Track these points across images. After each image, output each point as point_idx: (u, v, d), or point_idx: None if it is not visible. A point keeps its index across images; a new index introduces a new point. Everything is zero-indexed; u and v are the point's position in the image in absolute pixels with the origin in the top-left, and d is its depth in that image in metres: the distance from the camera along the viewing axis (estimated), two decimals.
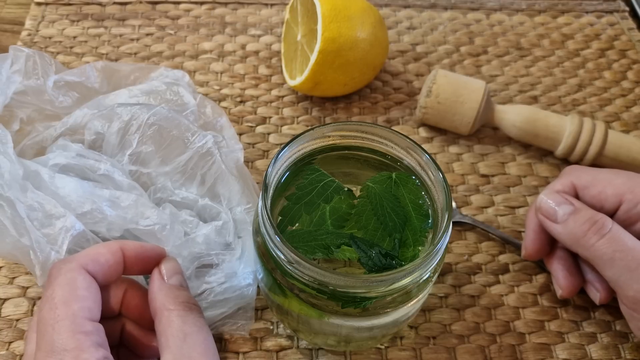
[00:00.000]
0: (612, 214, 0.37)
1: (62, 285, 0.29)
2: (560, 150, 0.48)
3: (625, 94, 0.56)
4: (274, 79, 0.55)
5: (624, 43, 0.60)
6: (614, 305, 0.42)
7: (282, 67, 0.54)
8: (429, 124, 0.51)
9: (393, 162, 0.36)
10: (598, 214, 0.36)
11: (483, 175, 0.49)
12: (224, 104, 0.52)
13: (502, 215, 0.46)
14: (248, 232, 0.39)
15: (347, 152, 0.37)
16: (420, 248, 0.33)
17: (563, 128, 0.48)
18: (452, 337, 0.40)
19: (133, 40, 0.57)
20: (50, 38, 0.56)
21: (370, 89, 0.54)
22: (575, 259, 0.40)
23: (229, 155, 0.42)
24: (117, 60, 0.55)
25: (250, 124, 0.51)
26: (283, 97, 0.53)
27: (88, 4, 0.59)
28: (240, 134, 0.50)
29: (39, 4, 0.59)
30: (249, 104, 0.53)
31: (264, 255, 0.33)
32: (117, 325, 0.33)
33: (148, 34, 0.57)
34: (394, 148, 0.36)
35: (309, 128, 0.35)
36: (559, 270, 0.40)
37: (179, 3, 0.60)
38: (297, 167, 0.36)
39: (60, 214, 0.35)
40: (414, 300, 0.33)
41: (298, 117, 0.52)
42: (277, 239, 0.30)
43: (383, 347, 0.39)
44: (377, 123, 0.49)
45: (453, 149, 0.50)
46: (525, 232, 0.41)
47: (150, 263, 0.33)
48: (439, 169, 0.33)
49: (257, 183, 0.44)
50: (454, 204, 0.47)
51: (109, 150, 0.40)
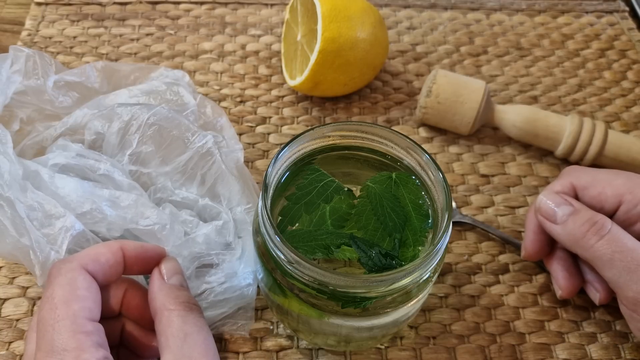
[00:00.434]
0: (611, 215, 0.37)
1: (62, 285, 0.29)
2: (560, 150, 0.48)
3: (625, 94, 0.56)
4: (274, 79, 0.55)
5: (624, 43, 0.60)
6: (614, 305, 0.42)
7: (282, 67, 0.54)
8: (429, 124, 0.51)
9: (393, 162, 0.36)
10: (597, 215, 0.36)
11: (483, 175, 0.49)
12: (224, 104, 0.52)
13: (502, 215, 0.46)
14: (248, 232, 0.39)
15: (347, 152, 0.37)
16: (420, 248, 0.33)
17: (563, 128, 0.48)
18: (452, 337, 0.40)
19: (133, 40, 0.57)
20: (50, 38, 0.56)
21: (370, 89, 0.54)
22: (575, 260, 0.40)
23: (229, 155, 0.42)
24: (117, 60, 0.55)
25: (250, 124, 0.51)
26: (283, 97, 0.53)
27: (88, 4, 0.59)
28: (240, 134, 0.50)
29: (39, 4, 0.59)
30: (249, 104, 0.53)
31: (264, 255, 0.33)
32: (117, 325, 0.33)
33: (148, 34, 0.57)
34: (394, 148, 0.36)
35: (309, 128, 0.35)
36: (559, 271, 0.40)
37: (179, 3, 0.60)
38: (297, 167, 0.36)
39: (60, 214, 0.35)
40: (414, 300, 0.33)
41: (298, 117, 0.52)
42: (277, 239, 0.30)
43: (383, 347, 0.39)
44: (377, 123, 0.49)
45: (453, 149, 0.50)
46: (525, 232, 0.41)
47: (151, 263, 0.33)
48: (439, 169, 0.33)
49: (257, 183, 0.44)
50: (454, 204, 0.47)
51: (109, 150, 0.40)
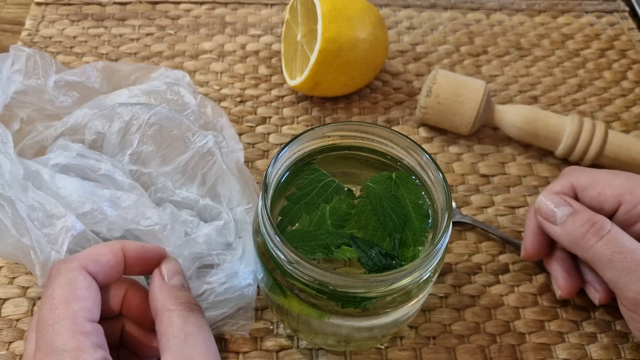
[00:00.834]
0: (611, 215, 0.37)
1: (62, 285, 0.29)
2: (560, 150, 0.48)
3: (625, 94, 0.56)
4: (274, 79, 0.55)
5: (624, 43, 0.60)
6: (614, 305, 0.42)
7: (282, 67, 0.54)
8: (429, 124, 0.51)
9: (393, 162, 0.36)
10: (597, 216, 0.36)
11: (483, 175, 0.49)
12: (224, 104, 0.52)
13: (502, 215, 0.46)
14: (248, 232, 0.39)
15: (347, 152, 0.37)
16: (420, 248, 0.33)
17: (563, 128, 0.48)
18: (452, 337, 0.40)
19: (133, 40, 0.57)
20: (50, 38, 0.56)
21: (370, 89, 0.54)
22: (575, 260, 0.40)
23: (230, 155, 0.42)
24: (117, 60, 0.55)
25: (250, 124, 0.51)
26: (283, 97, 0.53)
27: (88, 4, 0.59)
28: (240, 134, 0.50)
29: (39, 4, 0.59)
30: (249, 104, 0.53)
31: (264, 255, 0.33)
32: (117, 326, 0.33)
33: (148, 34, 0.57)
34: (394, 148, 0.36)
35: (309, 128, 0.35)
36: (559, 271, 0.40)
37: (179, 3, 0.60)
38: (297, 167, 0.36)
39: (61, 214, 0.35)
40: (414, 300, 0.33)
41: (298, 117, 0.52)
42: (277, 239, 0.30)
43: (383, 347, 0.39)
44: (377, 123, 0.49)
45: (453, 149, 0.50)
46: (525, 233, 0.41)
47: (151, 263, 0.33)
48: (439, 169, 0.33)
49: (257, 183, 0.44)
50: (454, 204, 0.47)
51: (110, 150, 0.40)
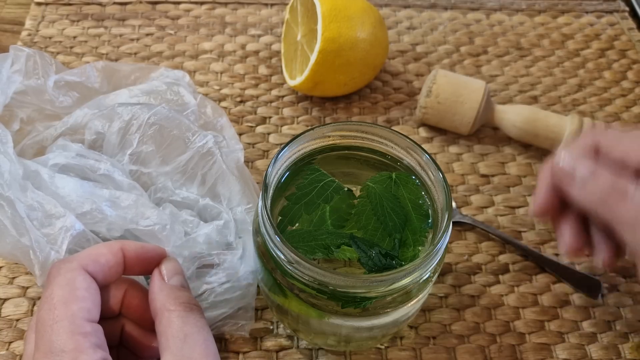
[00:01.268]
0: (636, 176, 0.35)
1: (61, 286, 0.29)
2: None
3: (625, 94, 0.56)
4: (274, 79, 0.55)
5: (624, 43, 0.60)
6: (614, 305, 0.42)
7: (282, 67, 0.54)
8: (429, 124, 0.51)
9: (393, 162, 0.36)
10: (621, 177, 0.34)
11: (483, 175, 0.49)
12: (224, 104, 0.52)
13: (502, 215, 0.46)
14: (248, 232, 0.39)
15: (347, 152, 0.37)
16: (420, 248, 0.33)
17: (563, 128, 0.48)
18: (452, 337, 0.40)
19: (133, 40, 0.57)
20: (50, 38, 0.56)
21: (370, 89, 0.54)
22: (585, 222, 0.38)
23: (230, 155, 0.42)
24: (117, 60, 0.55)
25: (250, 124, 0.51)
26: (283, 97, 0.53)
27: (88, 4, 0.59)
28: (240, 134, 0.50)
29: (39, 4, 0.59)
30: (249, 104, 0.53)
31: (264, 255, 0.33)
32: (117, 326, 0.33)
33: (148, 34, 0.57)
34: (394, 148, 0.36)
35: (309, 128, 0.35)
36: (567, 229, 0.37)
37: (179, 3, 0.60)
38: (297, 167, 0.36)
39: (60, 214, 0.35)
40: (414, 300, 0.33)
41: (298, 117, 0.52)
42: (277, 239, 0.30)
43: (383, 347, 0.39)
44: (377, 123, 0.49)
45: (453, 149, 0.50)
46: (537, 187, 0.38)
47: (151, 263, 0.33)
48: (439, 169, 0.33)
49: (257, 183, 0.44)
50: (454, 204, 0.47)
51: (110, 150, 0.40)
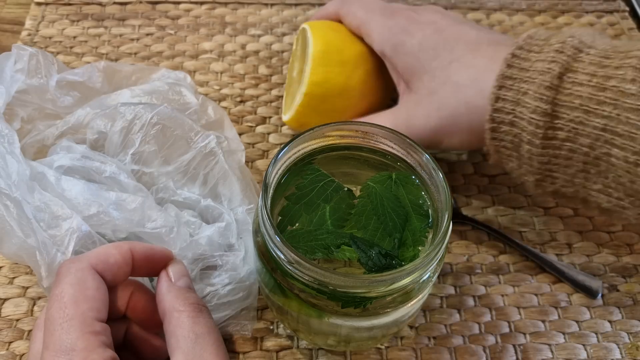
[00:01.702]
0: None
1: (72, 284, 0.29)
2: None
3: None
4: (274, 79, 0.55)
5: None
6: (614, 305, 0.42)
7: (283, 97, 0.52)
8: None
9: (393, 162, 0.36)
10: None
11: (483, 175, 0.49)
12: (224, 104, 0.52)
13: (502, 215, 0.46)
14: (249, 232, 0.39)
15: (347, 152, 0.37)
16: (420, 248, 0.33)
17: None
18: (452, 337, 0.40)
19: (133, 40, 0.57)
20: (50, 38, 0.56)
21: None
22: None
23: (231, 156, 0.42)
24: (117, 60, 0.55)
25: (250, 124, 0.51)
26: (283, 97, 0.53)
27: (88, 4, 0.59)
28: (240, 134, 0.50)
29: (39, 4, 0.59)
30: (249, 104, 0.53)
31: (264, 255, 0.33)
32: (121, 327, 0.33)
33: (148, 34, 0.57)
34: (394, 148, 0.36)
35: (309, 128, 0.35)
36: None
37: (179, 3, 0.60)
38: (297, 167, 0.36)
39: (67, 215, 0.35)
40: (414, 300, 0.33)
41: None
42: (277, 239, 0.30)
43: (383, 347, 0.39)
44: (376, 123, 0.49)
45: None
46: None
47: (158, 265, 0.33)
48: (439, 169, 0.33)
49: (257, 183, 0.44)
50: (454, 204, 0.47)
51: (112, 150, 0.40)
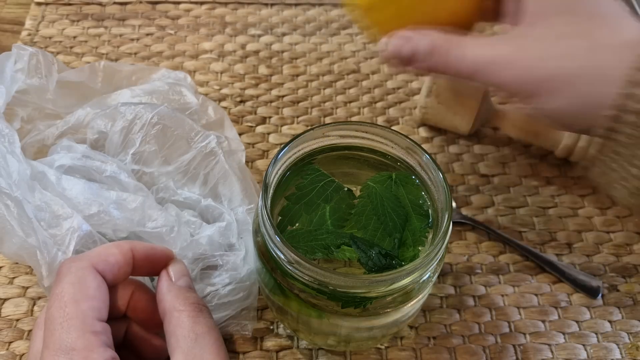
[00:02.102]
0: None
1: (72, 283, 0.29)
2: (561, 150, 0.48)
3: None
4: (274, 79, 0.55)
5: None
6: (614, 305, 0.42)
7: None
8: (429, 124, 0.51)
9: (393, 162, 0.36)
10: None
11: (483, 175, 0.49)
12: (224, 104, 0.52)
13: (502, 215, 0.46)
14: (249, 232, 0.39)
15: (347, 152, 0.37)
16: (420, 248, 0.33)
17: None
18: (452, 337, 0.40)
19: (133, 40, 0.57)
20: (50, 38, 0.56)
21: (370, 89, 0.54)
22: None
23: (231, 156, 0.42)
24: (117, 60, 0.55)
25: (250, 124, 0.51)
26: (283, 97, 0.53)
27: (88, 4, 0.59)
28: (240, 134, 0.50)
29: (39, 4, 0.59)
30: (249, 104, 0.53)
31: (264, 255, 0.33)
32: (121, 327, 0.33)
33: (148, 34, 0.57)
34: (394, 148, 0.36)
35: (309, 128, 0.35)
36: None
37: (179, 3, 0.60)
38: (297, 167, 0.36)
39: (68, 215, 0.35)
40: (414, 301, 0.33)
41: (298, 117, 0.52)
42: (277, 239, 0.30)
43: (383, 347, 0.39)
44: (377, 123, 0.49)
45: (453, 149, 0.50)
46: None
47: (159, 264, 0.33)
48: (439, 169, 0.33)
49: (257, 183, 0.44)
50: (454, 204, 0.47)
51: (112, 149, 0.40)
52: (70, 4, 0.59)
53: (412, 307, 0.33)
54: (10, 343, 0.38)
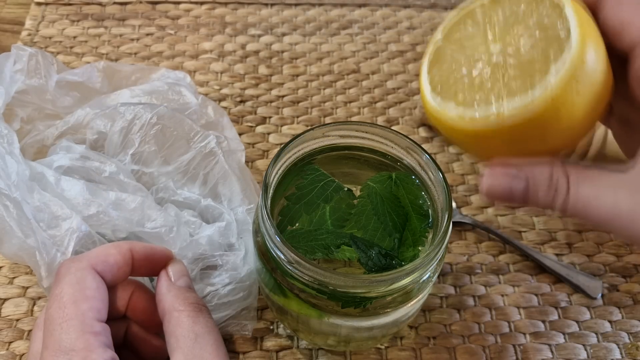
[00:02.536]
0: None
1: (71, 284, 0.29)
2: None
3: None
4: (274, 79, 0.55)
5: None
6: (614, 305, 0.42)
7: (422, 74, 0.30)
8: (429, 124, 0.51)
9: (393, 162, 0.36)
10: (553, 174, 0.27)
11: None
12: (224, 104, 0.52)
13: (502, 215, 0.46)
14: (250, 232, 0.39)
15: (347, 152, 0.37)
16: (420, 248, 0.33)
17: None
18: (452, 337, 0.40)
19: (133, 40, 0.57)
20: (50, 38, 0.56)
21: (370, 89, 0.54)
22: None
23: (231, 156, 0.42)
24: (117, 60, 0.55)
25: (250, 124, 0.51)
26: (283, 97, 0.53)
27: (88, 4, 0.59)
28: (240, 134, 0.50)
29: (39, 4, 0.59)
30: (249, 104, 0.53)
31: (264, 255, 0.33)
32: (121, 327, 0.33)
33: (148, 34, 0.57)
34: (394, 148, 0.36)
35: (309, 128, 0.35)
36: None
37: (179, 3, 0.60)
38: (297, 167, 0.36)
39: (67, 216, 0.35)
40: (414, 300, 0.33)
41: (298, 117, 0.52)
42: (277, 239, 0.30)
43: (383, 347, 0.39)
44: (377, 123, 0.49)
45: (453, 149, 0.50)
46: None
47: (158, 265, 0.33)
48: (439, 169, 0.33)
49: (257, 183, 0.44)
50: (454, 204, 0.47)
51: (111, 150, 0.40)
52: (70, 4, 0.59)
53: (412, 307, 0.33)
54: (10, 343, 0.38)
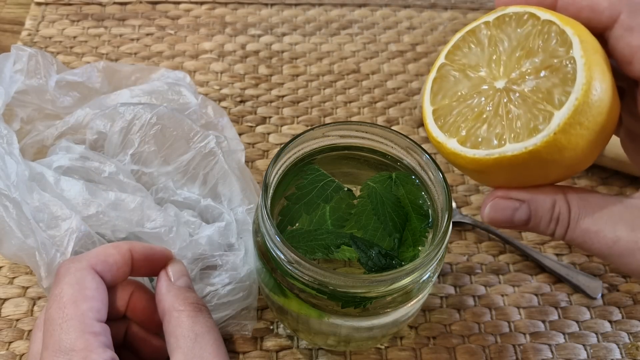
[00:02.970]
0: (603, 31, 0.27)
1: (71, 285, 0.29)
2: None
3: None
4: (274, 79, 0.55)
5: None
6: (614, 305, 0.42)
7: (425, 102, 0.31)
8: None
9: (393, 162, 0.36)
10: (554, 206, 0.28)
11: None
12: (224, 104, 0.52)
13: None
14: (249, 232, 0.39)
15: (347, 152, 0.37)
16: (420, 248, 0.33)
17: None
18: (452, 337, 0.40)
19: (133, 40, 0.57)
20: (50, 38, 0.56)
21: (370, 89, 0.54)
22: None
23: (231, 156, 0.42)
24: (117, 60, 0.55)
25: (250, 124, 0.51)
26: (283, 97, 0.53)
27: (88, 4, 0.59)
28: (240, 134, 0.50)
29: (39, 4, 0.59)
30: (249, 104, 0.53)
31: (264, 255, 0.33)
32: (121, 327, 0.33)
33: (148, 34, 0.57)
34: (394, 148, 0.36)
35: (309, 128, 0.35)
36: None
37: (179, 3, 0.60)
38: (297, 167, 0.36)
39: (66, 216, 0.35)
40: (414, 300, 0.33)
41: (298, 117, 0.52)
42: (277, 239, 0.30)
43: (383, 347, 0.39)
44: (377, 123, 0.49)
45: None
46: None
47: (158, 265, 0.33)
48: (439, 169, 0.33)
49: (257, 183, 0.44)
50: (454, 204, 0.47)
51: (111, 150, 0.40)
52: (70, 4, 0.59)
53: (412, 307, 0.33)
54: (10, 343, 0.38)
